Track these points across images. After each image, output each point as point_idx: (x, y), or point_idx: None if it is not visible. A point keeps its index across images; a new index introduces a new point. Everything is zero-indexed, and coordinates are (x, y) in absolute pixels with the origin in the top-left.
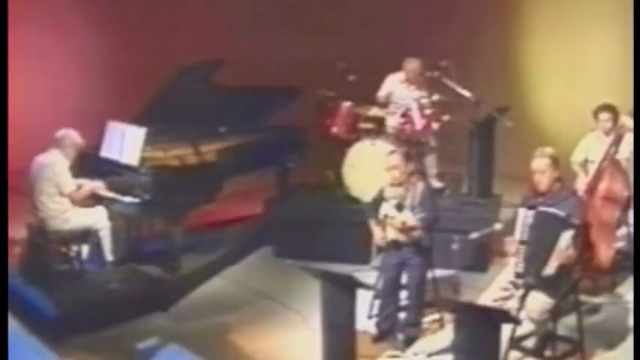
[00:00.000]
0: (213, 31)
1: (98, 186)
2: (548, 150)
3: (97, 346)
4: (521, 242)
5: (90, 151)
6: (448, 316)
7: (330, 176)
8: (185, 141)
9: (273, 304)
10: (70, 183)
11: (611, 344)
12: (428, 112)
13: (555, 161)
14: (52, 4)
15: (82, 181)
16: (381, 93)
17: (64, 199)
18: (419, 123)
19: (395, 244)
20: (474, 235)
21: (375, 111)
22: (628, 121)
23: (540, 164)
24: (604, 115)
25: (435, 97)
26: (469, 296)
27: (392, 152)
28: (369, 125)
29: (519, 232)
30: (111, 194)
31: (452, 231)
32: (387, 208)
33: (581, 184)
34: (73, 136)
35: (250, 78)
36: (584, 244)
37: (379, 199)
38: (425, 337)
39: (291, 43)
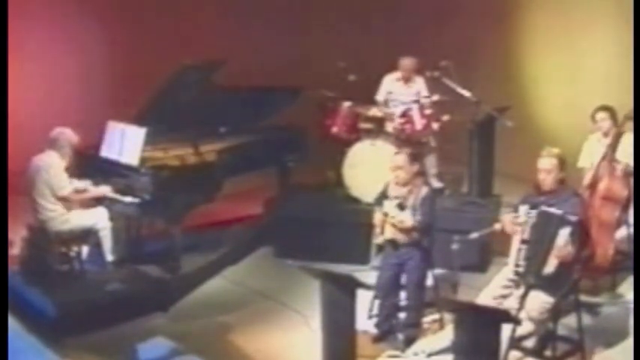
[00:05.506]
0: (214, 31)
1: (104, 190)
2: (556, 150)
3: (97, 346)
4: (523, 241)
5: (90, 151)
6: (448, 316)
7: (330, 176)
8: (185, 141)
9: (273, 304)
10: (64, 186)
11: (611, 344)
12: (428, 112)
13: (562, 162)
14: (52, 4)
15: (83, 183)
16: (380, 95)
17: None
18: (419, 123)
19: (393, 244)
20: (474, 235)
21: (374, 111)
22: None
23: (547, 164)
24: (601, 115)
25: (435, 97)
26: (469, 296)
27: (397, 153)
28: (369, 125)
29: (520, 230)
30: (113, 195)
31: (452, 231)
32: (388, 206)
33: None
34: (67, 135)
35: (250, 78)
36: (585, 241)
37: (383, 195)
38: (425, 337)
39: (291, 43)
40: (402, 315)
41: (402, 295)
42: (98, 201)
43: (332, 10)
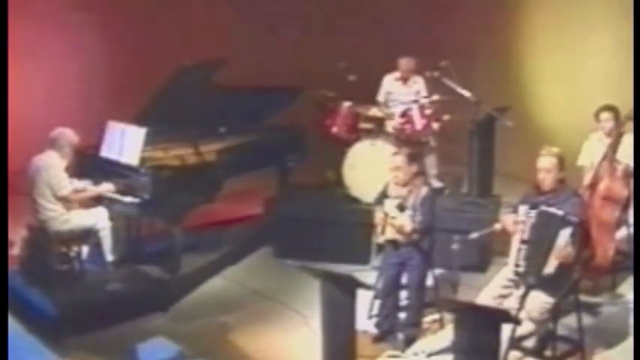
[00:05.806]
0: (213, 31)
1: (105, 188)
2: (555, 149)
3: (97, 346)
4: (523, 241)
5: (90, 151)
6: (448, 316)
7: (330, 176)
8: (185, 141)
9: (273, 304)
10: (64, 186)
11: (611, 344)
12: (428, 112)
13: (561, 161)
14: (52, 4)
15: (83, 183)
16: (380, 96)
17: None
18: (419, 123)
19: (394, 244)
20: (474, 235)
21: (374, 111)
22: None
23: (546, 163)
24: (605, 115)
25: (435, 97)
26: (469, 296)
27: (396, 153)
28: (369, 125)
29: (520, 230)
30: (113, 195)
31: (452, 231)
32: (388, 207)
33: None
34: (68, 135)
35: (250, 78)
36: (585, 242)
37: (383, 195)
38: (425, 337)
39: (291, 43)
40: (402, 315)
41: (403, 294)
42: (98, 201)
43: (332, 10)
